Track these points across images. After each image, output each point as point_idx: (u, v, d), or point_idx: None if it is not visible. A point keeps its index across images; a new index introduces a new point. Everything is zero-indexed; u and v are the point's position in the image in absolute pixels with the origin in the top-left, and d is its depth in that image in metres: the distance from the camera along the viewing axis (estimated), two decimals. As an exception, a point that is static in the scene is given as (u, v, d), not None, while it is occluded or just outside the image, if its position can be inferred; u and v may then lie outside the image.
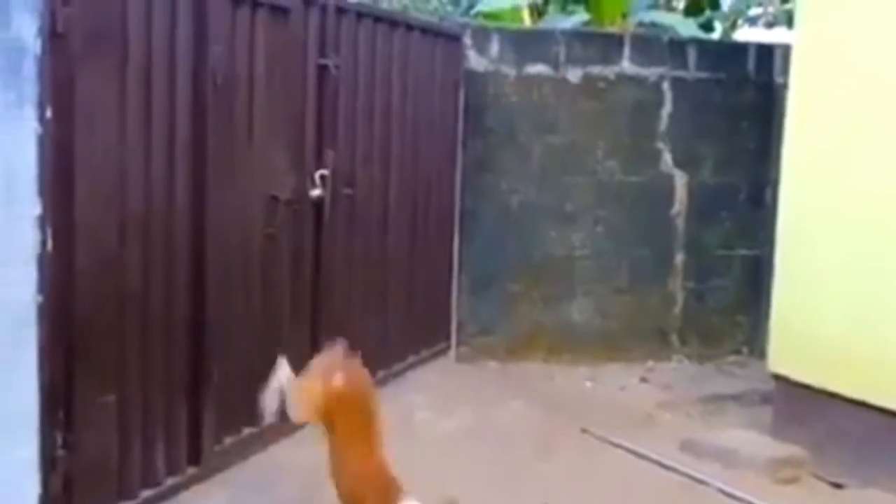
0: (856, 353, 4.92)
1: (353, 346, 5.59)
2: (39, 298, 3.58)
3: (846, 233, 5.04)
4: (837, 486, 4.88)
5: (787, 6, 9.93)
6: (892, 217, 4.83)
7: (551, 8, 9.74)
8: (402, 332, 6.19)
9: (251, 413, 4.80)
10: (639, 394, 6.40)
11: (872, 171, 4.93)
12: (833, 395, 4.99)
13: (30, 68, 3.51)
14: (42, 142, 3.55)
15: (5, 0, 3.42)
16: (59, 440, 3.69)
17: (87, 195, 3.75)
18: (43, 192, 3.56)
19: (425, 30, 6.32)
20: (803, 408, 5.19)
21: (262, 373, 4.86)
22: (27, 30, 3.49)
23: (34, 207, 3.54)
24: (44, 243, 3.57)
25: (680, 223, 7.15)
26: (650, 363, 7.00)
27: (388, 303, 6.06)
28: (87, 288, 3.77)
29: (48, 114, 3.56)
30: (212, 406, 4.49)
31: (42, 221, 3.57)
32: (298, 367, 5.15)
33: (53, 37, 3.56)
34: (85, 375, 3.79)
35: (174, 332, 4.28)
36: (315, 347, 5.29)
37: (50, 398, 3.63)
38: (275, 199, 4.88)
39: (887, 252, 4.85)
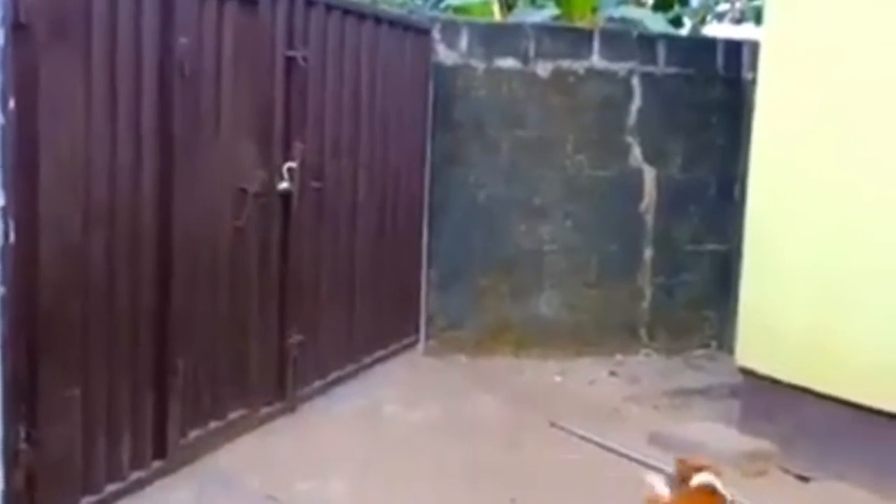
0: (823, 347, 4.96)
1: (320, 340, 5.61)
2: (2, 290, 3.53)
3: (814, 228, 5.08)
4: (804, 479, 4.91)
5: (755, 2, 9.98)
6: (859, 211, 4.87)
7: (521, 2, 9.72)
8: (371, 325, 6.18)
9: (217, 406, 4.80)
10: (607, 387, 6.42)
11: (840, 166, 4.96)
12: (800, 389, 5.02)
13: (-8, 59, 3.47)
14: (5, 133, 3.51)
15: (-34, -10, 3.37)
16: (23, 434, 3.63)
17: (52, 187, 3.70)
18: (6, 183, 3.52)
19: (394, 23, 6.29)
20: (771, 401, 5.22)
21: (229, 366, 4.87)
22: (-11, 21, 3.45)
23: (-3, 199, 3.51)
24: (6, 235, 3.53)
25: (649, 218, 7.17)
26: (619, 357, 7.02)
27: (357, 296, 6.04)
28: (50, 280, 3.72)
29: (11, 105, 3.51)
30: (177, 399, 4.44)
31: (4, 213, 3.52)
32: (265, 349, 5.15)
33: (16, 27, 3.50)
34: (48, 369, 3.74)
35: (140, 324, 4.24)
36: (282, 340, 5.28)
37: (12, 392, 3.59)
38: (243, 191, 4.84)
39: (854, 247, 4.88)
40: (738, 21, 10.95)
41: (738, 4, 11.18)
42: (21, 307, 3.61)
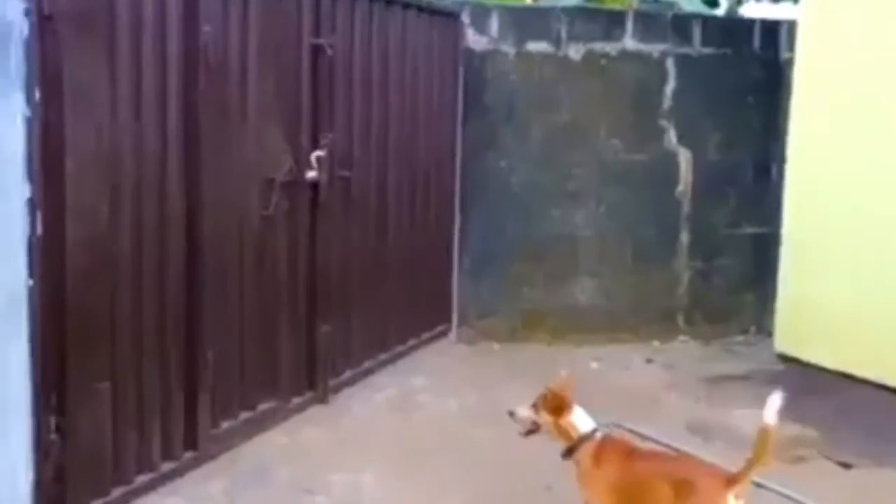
0: (865, 333, 4.87)
1: (351, 329, 5.58)
2: (30, 283, 3.54)
3: (854, 210, 4.98)
4: (846, 465, 4.82)
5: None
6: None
7: (552, -15, 9.62)
8: (403, 314, 6.15)
9: (247, 397, 4.78)
10: (644, 375, 6.33)
11: (879, 147, 4.86)
12: (842, 375, 4.94)
13: (17, 51, 3.47)
14: (31, 125, 3.51)
15: (-10, -18, 3.37)
16: (53, 425, 3.65)
17: (78, 178, 3.69)
18: (32, 175, 3.52)
19: (422, 8, 6.22)
20: (811, 388, 5.14)
21: (259, 357, 4.85)
22: (14, 12, 3.45)
23: (24, 191, 3.50)
24: (34, 226, 3.53)
25: (685, 202, 7.07)
26: (656, 344, 6.93)
27: (388, 285, 6.00)
28: (79, 271, 3.72)
29: (37, 96, 3.51)
30: (208, 390, 4.44)
31: (32, 204, 3.53)
32: (295, 340, 5.14)
33: (41, 19, 3.51)
34: (78, 360, 3.74)
35: (169, 315, 4.23)
36: (312, 330, 5.25)
37: (43, 383, 3.60)
38: (270, 180, 4.81)
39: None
40: (776, 0, 10.78)
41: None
42: (50, 299, 3.61)
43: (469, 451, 4.81)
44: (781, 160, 5.62)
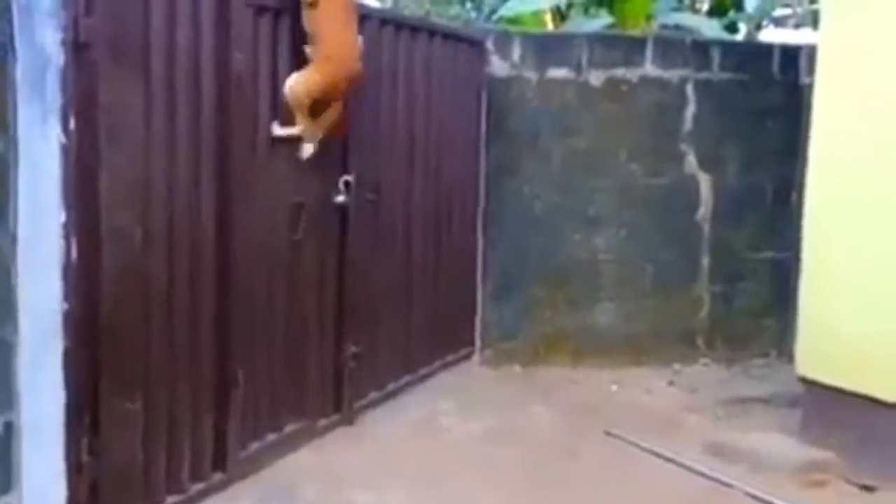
0: (885, 355, 4.87)
1: (376, 351, 5.64)
2: (65, 306, 3.62)
3: (873, 234, 5.00)
4: (868, 489, 4.82)
5: (814, 6, 9.85)
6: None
7: (574, 12, 9.71)
8: (427, 336, 6.19)
9: (275, 418, 4.85)
10: (665, 397, 6.36)
11: (899, 171, 4.88)
12: (863, 398, 4.94)
13: (53, 79, 3.54)
14: (66, 152, 3.59)
15: (28, 12, 3.46)
16: (85, 446, 3.72)
17: (112, 203, 3.77)
18: (68, 201, 3.60)
19: (447, 35, 6.31)
20: (832, 411, 5.14)
21: (287, 378, 4.92)
22: (50, 41, 3.53)
23: (59, 216, 3.58)
24: (69, 252, 3.61)
25: (705, 226, 7.11)
26: (676, 366, 6.95)
27: (413, 307, 6.06)
28: (112, 295, 3.80)
29: (72, 124, 3.59)
30: (237, 412, 4.50)
31: (67, 230, 3.60)
32: (322, 361, 5.20)
33: (76, 48, 3.59)
34: (111, 381, 3.81)
35: (200, 338, 4.30)
36: (339, 352, 5.32)
37: (76, 404, 3.67)
38: (299, 205, 4.89)
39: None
40: (798, 26, 10.83)
41: (798, 9, 11.06)
42: (84, 321, 3.69)
43: (492, 474, 4.85)
44: (801, 184, 5.64)
